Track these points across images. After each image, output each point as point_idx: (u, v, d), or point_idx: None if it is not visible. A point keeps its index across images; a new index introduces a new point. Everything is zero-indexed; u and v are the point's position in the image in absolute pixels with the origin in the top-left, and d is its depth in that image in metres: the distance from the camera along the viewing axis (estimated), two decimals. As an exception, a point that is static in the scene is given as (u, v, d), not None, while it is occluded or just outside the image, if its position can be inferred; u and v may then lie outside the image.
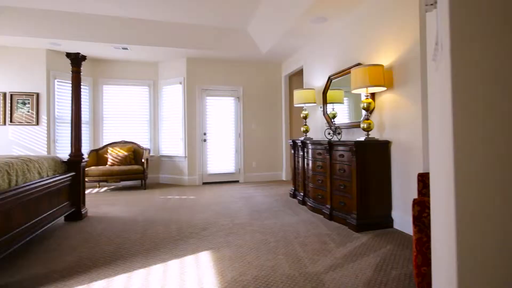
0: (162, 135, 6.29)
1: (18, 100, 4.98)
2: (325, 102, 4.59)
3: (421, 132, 2.70)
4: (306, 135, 4.66)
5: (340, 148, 3.25)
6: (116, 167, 5.24)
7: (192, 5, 4.41)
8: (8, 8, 4.29)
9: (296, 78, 6.66)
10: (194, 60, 6.03)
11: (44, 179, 2.81)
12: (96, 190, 5.47)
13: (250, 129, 6.38)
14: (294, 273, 1.99)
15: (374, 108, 3.35)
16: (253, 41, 5.56)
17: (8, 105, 4.91)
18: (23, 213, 2.43)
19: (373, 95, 3.34)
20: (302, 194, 4.19)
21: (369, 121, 3.16)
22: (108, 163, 5.44)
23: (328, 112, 4.47)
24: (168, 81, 6.22)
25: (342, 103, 4.30)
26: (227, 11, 4.64)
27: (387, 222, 3.01)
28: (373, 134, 3.32)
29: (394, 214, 3.02)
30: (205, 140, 6.08)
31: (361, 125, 3.20)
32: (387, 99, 3.19)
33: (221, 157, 6.19)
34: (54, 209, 2.95)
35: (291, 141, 4.72)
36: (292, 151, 4.75)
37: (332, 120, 4.35)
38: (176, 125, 6.10)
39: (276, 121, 6.56)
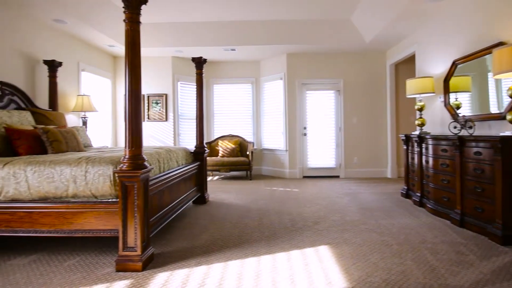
0: (264, 129, 6.62)
1: (152, 100, 6.03)
2: (446, 91, 3.97)
3: None
4: (421, 129, 4.15)
5: (476, 144, 2.77)
6: (226, 158, 5.80)
7: (296, 0, 4.44)
8: (148, 25, 5.19)
9: (404, 67, 5.98)
10: (294, 55, 6.09)
11: (180, 167, 3.34)
12: (210, 178, 6.19)
13: (351, 122, 6.09)
14: (432, 283, 1.81)
15: (526, 96, 2.72)
16: (356, 30, 5.24)
17: (145, 105, 6.01)
18: (169, 194, 2.94)
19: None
20: (418, 194, 3.78)
21: (521, 112, 2.59)
22: (219, 154, 6.06)
23: (451, 103, 3.87)
24: (269, 77, 6.47)
25: (470, 91, 3.67)
26: (330, 3, 4.50)
27: (547, 237, 2.43)
28: (524, 128, 2.71)
29: (559, 228, 2.42)
30: (305, 134, 6.11)
31: (508, 117, 2.65)
32: (549, 85, 2.54)
33: (321, 151, 6.12)
34: (188, 193, 3.47)
35: (403, 135, 4.29)
36: (405, 147, 4.32)
37: (457, 112, 3.75)
38: (277, 119, 6.31)
39: (380, 114, 6.07)
